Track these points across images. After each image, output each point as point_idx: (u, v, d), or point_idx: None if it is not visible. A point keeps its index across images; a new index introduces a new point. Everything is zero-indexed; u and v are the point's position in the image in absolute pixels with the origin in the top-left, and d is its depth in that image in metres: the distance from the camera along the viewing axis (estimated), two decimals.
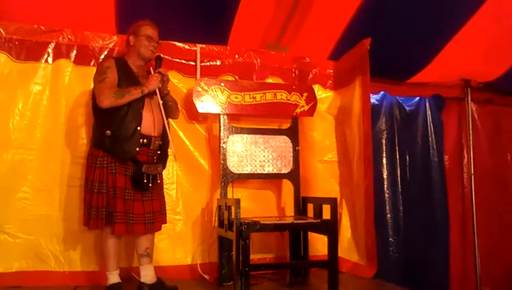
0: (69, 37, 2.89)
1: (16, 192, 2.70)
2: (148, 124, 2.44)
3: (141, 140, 2.39)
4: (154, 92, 2.49)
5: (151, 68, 2.60)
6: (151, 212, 2.44)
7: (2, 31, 2.76)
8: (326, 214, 2.76)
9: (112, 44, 2.97)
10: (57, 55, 2.86)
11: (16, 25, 2.78)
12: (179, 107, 2.99)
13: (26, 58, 2.80)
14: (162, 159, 2.58)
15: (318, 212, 2.85)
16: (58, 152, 2.81)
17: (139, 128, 2.38)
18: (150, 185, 2.41)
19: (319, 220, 2.70)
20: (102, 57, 2.93)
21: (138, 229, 2.40)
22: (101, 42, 2.95)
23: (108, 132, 2.37)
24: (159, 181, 2.52)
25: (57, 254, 2.73)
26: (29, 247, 2.68)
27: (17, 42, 2.79)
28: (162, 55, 2.64)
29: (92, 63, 2.91)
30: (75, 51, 2.90)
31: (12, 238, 2.66)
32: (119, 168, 2.38)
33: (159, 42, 2.61)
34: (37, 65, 2.83)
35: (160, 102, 2.52)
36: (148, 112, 2.45)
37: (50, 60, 2.85)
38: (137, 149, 2.37)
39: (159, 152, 2.53)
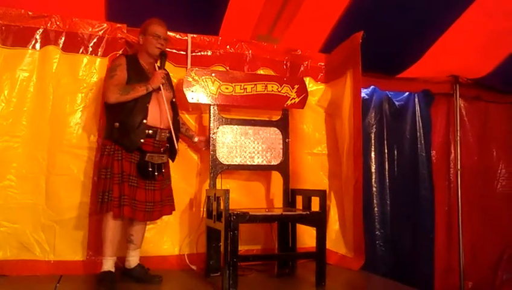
0: (58, 23, 2.84)
1: (1, 180, 2.66)
2: (154, 117, 2.56)
3: (147, 131, 2.52)
4: (160, 88, 2.57)
5: (155, 65, 2.65)
6: (151, 201, 2.57)
7: None
8: (315, 206, 2.77)
9: (102, 32, 2.91)
10: (45, 41, 2.80)
11: (3, 9, 2.72)
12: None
13: (13, 44, 2.74)
14: (171, 152, 2.71)
15: (307, 205, 2.86)
16: (44, 140, 2.76)
17: (144, 120, 2.50)
18: (156, 173, 2.54)
19: (308, 212, 2.71)
20: (91, 44, 2.89)
21: (139, 215, 2.52)
22: (90, 29, 2.90)
23: (116, 124, 2.50)
24: (163, 171, 2.63)
25: (42, 242, 2.70)
26: (14, 235, 2.65)
27: (3, 27, 2.73)
28: (165, 51, 2.68)
29: (81, 50, 2.86)
30: (63, 38, 2.84)
31: None
32: (126, 155, 2.50)
33: (168, 39, 2.73)
34: (24, 51, 2.77)
35: (173, 99, 2.72)
36: (155, 105, 2.57)
37: (38, 46, 2.80)
38: (142, 140, 2.50)
39: (167, 145, 2.65)
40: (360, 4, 3.02)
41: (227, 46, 3.25)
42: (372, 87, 3.86)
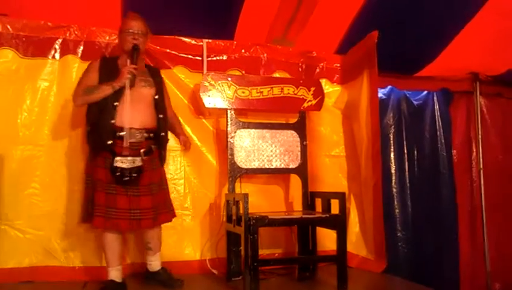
0: (76, 33, 2.90)
1: (25, 188, 2.72)
2: (125, 116, 2.39)
3: (117, 133, 2.37)
4: (132, 84, 2.41)
5: (127, 60, 2.49)
6: (137, 209, 2.38)
7: (9, 27, 2.77)
8: (335, 209, 2.75)
9: (118, 39, 2.95)
10: (64, 51, 2.87)
11: (23, 21, 2.79)
12: (186, 102, 3.05)
13: (33, 54, 2.81)
14: (157, 154, 2.53)
15: (326, 207, 2.84)
16: (66, 148, 2.81)
17: (112, 121, 2.36)
18: (126, 179, 2.35)
19: (328, 215, 2.69)
20: (108, 52, 2.93)
21: (123, 224, 2.37)
22: (107, 38, 2.95)
23: (88, 127, 2.46)
24: (145, 174, 2.42)
25: (66, 249, 2.74)
26: (39, 242, 2.70)
27: (24, 38, 2.79)
28: (137, 45, 2.49)
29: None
30: (82, 47, 2.90)
31: (23, 233, 2.68)
32: (100, 161, 2.38)
33: (146, 33, 2.56)
34: (44, 61, 2.83)
35: (156, 96, 2.54)
36: (127, 104, 2.39)
37: (57, 56, 2.86)
38: (109, 142, 2.35)
39: (153, 146, 2.49)
40: (375, 3, 2.99)
41: (243, 50, 3.25)
42: (389, 87, 3.81)
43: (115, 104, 2.37)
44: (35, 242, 2.69)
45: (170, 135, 2.83)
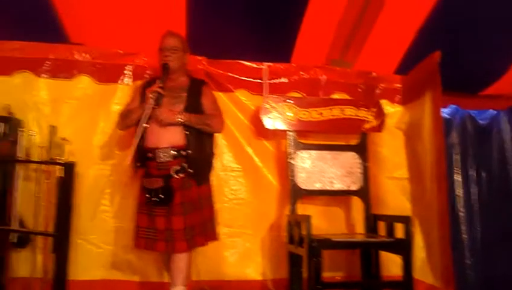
0: (144, 59, 3.06)
1: (98, 205, 2.88)
2: (153, 137, 2.36)
3: (147, 154, 2.37)
4: (159, 104, 2.35)
5: (157, 80, 2.49)
6: (170, 229, 2.32)
7: (86, 55, 2.99)
8: (399, 232, 2.67)
9: None
10: (134, 76, 3.04)
11: (100, 50, 3.01)
12: (247, 123, 3.10)
13: (107, 80, 3.01)
14: (190, 172, 2.39)
15: (390, 231, 2.77)
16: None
17: (142, 142, 2.35)
18: (154, 199, 2.33)
19: (393, 239, 2.62)
20: None
21: (160, 245, 2.34)
22: None
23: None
24: (175, 194, 2.34)
25: (131, 263, 2.85)
26: (109, 257, 2.84)
27: (99, 66, 3.01)
28: (167, 63, 2.48)
29: None
30: (149, 72, 3.04)
31: (96, 248, 2.83)
32: (139, 183, 2.45)
33: (179, 48, 2.54)
34: (116, 86, 3.02)
35: (181, 116, 2.43)
36: (155, 124, 2.36)
37: (128, 81, 3.04)
38: (138, 164, 2.39)
39: (185, 164, 2.37)
40: (436, 22, 2.95)
41: (302, 73, 3.29)
42: (452, 106, 3.70)
43: (144, 125, 2.32)
44: (106, 256, 2.83)
45: (229, 156, 2.92)
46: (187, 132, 2.39)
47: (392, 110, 3.40)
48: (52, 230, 2.67)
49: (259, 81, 3.20)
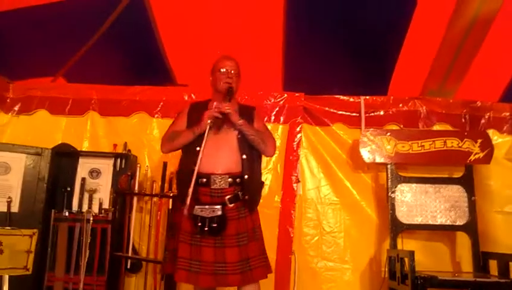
0: (246, 97, 3.25)
1: None
2: (209, 162, 2.16)
3: (200, 179, 2.15)
4: (217, 128, 2.20)
5: (215, 103, 2.30)
6: (223, 262, 2.11)
7: (193, 95, 3.27)
8: None
9: (282, 101, 3.25)
10: None
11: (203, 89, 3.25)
12: (345, 157, 3.12)
13: None
14: (244, 200, 2.21)
15: (503, 270, 2.58)
16: None
17: (194, 167, 2.11)
18: (206, 229, 2.11)
19: (509, 280, 2.44)
20: (274, 113, 3.23)
21: (204, 280, 2.10)
22: (272, 100, 3.26)
23: (176, 174, 2.42)
24: (230, 224, 2.15)
25: None
26: None
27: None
28: (232, 86, 2.30)
29: (265, 118, 3.19)
30: None
31: None
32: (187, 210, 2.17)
33: (238, 73, 2.35)
34: None
35: (239, 136, 2.24)
36: (211, 148, 2.17)
37: None
38: (189, 190, 2.08)
39: (240, 192, 2.19)
40: None
41: (400, 105, 3.26)
42: None
43: (197, 149, 2.15)
44: None
45: (327, 189, 2.95)
46: (244, 156, 2.24)
47: (500, 140, 3.21)
48: (161, 258, 2.86)
49: (356, 114, 3.24)
